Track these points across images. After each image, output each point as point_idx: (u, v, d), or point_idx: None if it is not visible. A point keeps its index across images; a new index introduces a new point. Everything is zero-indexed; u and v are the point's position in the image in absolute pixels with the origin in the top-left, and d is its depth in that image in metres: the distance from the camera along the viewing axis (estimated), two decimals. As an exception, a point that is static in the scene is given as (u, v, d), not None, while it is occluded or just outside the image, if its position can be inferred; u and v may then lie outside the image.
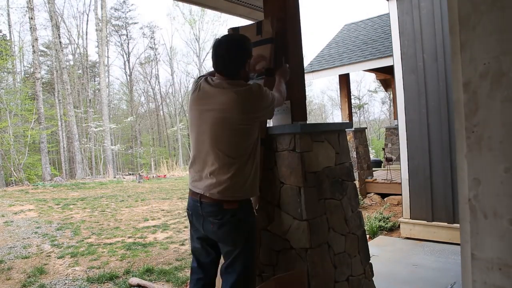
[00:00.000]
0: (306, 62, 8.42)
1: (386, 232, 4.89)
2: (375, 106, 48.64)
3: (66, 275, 3.99)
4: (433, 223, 4.21)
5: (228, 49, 1.82)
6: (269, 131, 2.27)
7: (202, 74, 2.01)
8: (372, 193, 6.93)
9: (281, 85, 2.07)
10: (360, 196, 6.73)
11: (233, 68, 1.83)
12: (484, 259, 1.05)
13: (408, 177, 4.43)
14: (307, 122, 2.32)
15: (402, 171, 4.51)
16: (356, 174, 6.87)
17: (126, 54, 30.85)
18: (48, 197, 10.23)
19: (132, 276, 3.80)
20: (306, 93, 2.46)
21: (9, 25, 23.03)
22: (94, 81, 29.35)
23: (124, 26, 30.79)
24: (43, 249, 5.03)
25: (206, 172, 1.80)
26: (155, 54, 31.79)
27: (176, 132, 30.30)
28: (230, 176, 1.75)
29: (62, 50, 22.05)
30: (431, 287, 3.04)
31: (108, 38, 27.59)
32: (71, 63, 27.08)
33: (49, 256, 4.72)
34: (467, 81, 1.07)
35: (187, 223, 2.07)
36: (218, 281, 2.03)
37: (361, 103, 32.92)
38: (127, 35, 31.03)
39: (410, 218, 4.42)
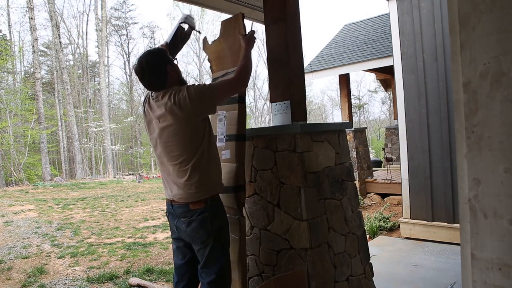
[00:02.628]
0: (306, 62, 8.42)
1: (386, 232, 4.89)
2: (375, 106, 48.67)
3: (66, 275, 3.99)
4: (433, 223, 4.21)
5: (142, 67, 1.84)
6: (269, 131, 2.27)
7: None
8: (372, 193, 6.93)
9: (247, 55, 2.01)
10: (360, 196, 6.73)
11: (157, 79, 1.85)
12: (484, 259, 1.05)
13: (408, 177, 4.43)
14: (307, 122, 2.32)
15: (402, 171, 4.51)
16: (356, 174, 6.87)
17: (126, 54, 30.89)
18: (48, 197, 10.23)
19: (132, 276, 3.80)
20: (306, 93, 2.46)
21: (9, 25, 23.05)
22: (94, 81, 29.37)
23: (124, 26, 30.80)
24: (43, 249, 5.03)
25: (169, 179, 1.89)
26: (155, 54, 31.73)
27: (176, 132, 30.17)
28: (188, 178, 1.81)
29: (62, 50, 22.05)
30: (431, 287, 3.04)
31: (108, 38, 27.61)
32: (71, 63, 27.09)
33: (49, 256, 4.72)
34: (467, 81, 1.07)
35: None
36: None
37: (361, 103, 32.92)
38: (127, 35, 31.06)
39: (410, 218, 4.42)
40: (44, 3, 22.80)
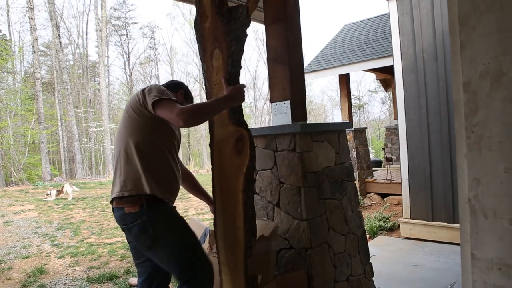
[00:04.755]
0: (306, 62, 8.41)
1: (386, 232, 4.89)
2: (375, 106, 48.64)
3: (66, 275, 3.98)
4: (433, 223, 4.21)
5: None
6: (269, 131, 2.27)
7: None
8: (372, 193, 6.93)
9: (218, 102, 1.66)
10: (360, 196, 6.73)
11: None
12: (484, 259, 1.05)
13: (408, 177, 4.43)
14: (307, 122, 2.32)
15: (402, 171, 4.51)
16: (356, 174, 6.87)
17: (126, 54, 30.84)
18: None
19: (132, 276, 3.80)
20: (306, 93, 2.46)
21: (9, 25, 23.04)
22: (94, 81, 29.33)
23: (124, 26, 30.76)
24: (43, 249, 5.03)
25: (117, 173, 1.76)
26: (155, 54, 31.77)
27: (176, 132, 30.17)
28: (124, 168, 1.70)
29: (62, 50, 22.04)
30: (431, 287, 3.04)
31: (108, 38, 27.57)
32: (71, 63, 27.07)
33: (49, 256, 4.72)
34: (467, 81, 1.07)
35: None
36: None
37: (361, 103, 32.91)
38: (127, 35, 31.01)
39: (410, 218, 4.42)
40: (44, 3, 22.79)
